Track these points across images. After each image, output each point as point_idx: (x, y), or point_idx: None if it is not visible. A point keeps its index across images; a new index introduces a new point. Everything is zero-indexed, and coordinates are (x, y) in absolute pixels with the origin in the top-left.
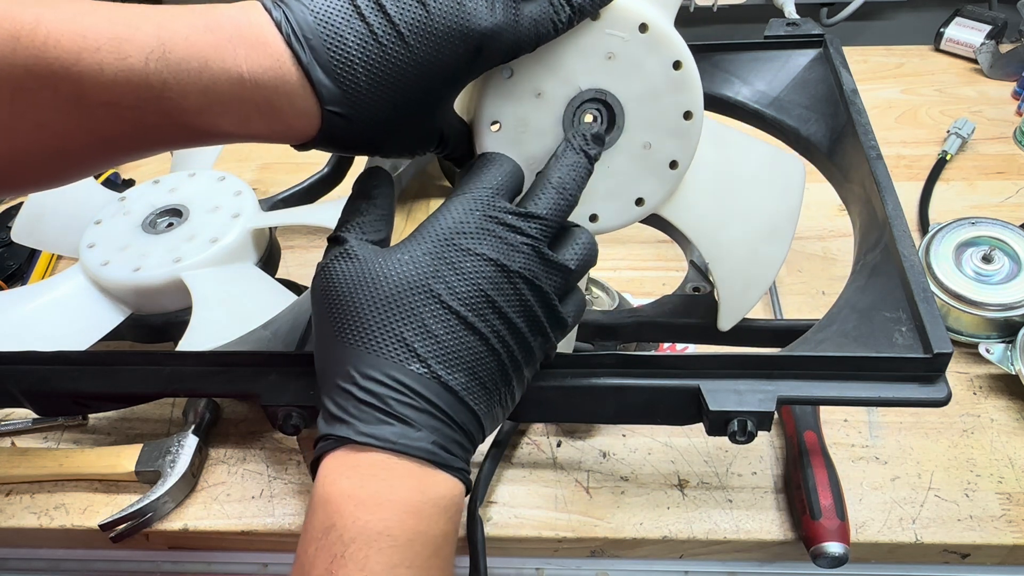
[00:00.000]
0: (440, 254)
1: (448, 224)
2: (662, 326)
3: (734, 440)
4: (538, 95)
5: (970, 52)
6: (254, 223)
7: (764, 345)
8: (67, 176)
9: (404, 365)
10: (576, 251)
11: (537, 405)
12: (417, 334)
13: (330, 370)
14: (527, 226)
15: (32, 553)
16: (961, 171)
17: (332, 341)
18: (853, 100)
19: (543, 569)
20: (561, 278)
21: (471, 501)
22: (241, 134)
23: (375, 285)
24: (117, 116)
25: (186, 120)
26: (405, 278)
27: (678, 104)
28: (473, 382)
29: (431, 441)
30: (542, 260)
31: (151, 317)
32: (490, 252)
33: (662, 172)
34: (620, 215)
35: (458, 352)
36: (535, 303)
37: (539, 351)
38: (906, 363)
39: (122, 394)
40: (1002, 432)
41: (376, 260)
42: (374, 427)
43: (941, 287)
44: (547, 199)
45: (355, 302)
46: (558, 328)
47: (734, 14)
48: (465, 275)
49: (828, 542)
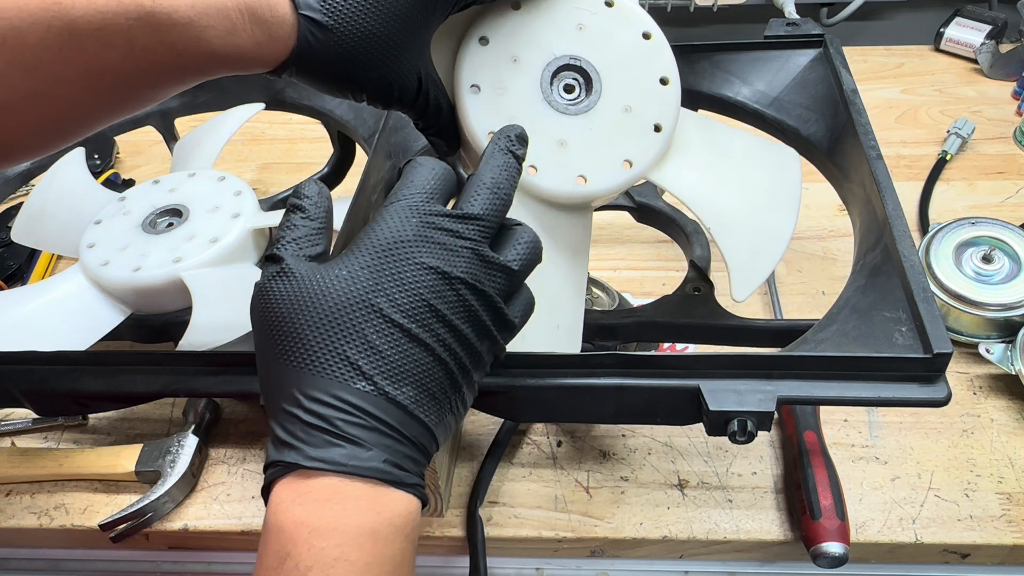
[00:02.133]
0: (379, 266)
1: (385, 234)
2: (662, 326)
3: (734, 440)
4: (514, 60)
5: (970, 52)
6: (254, 223)
7: (764, 345)
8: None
9: (349, 384)
10: (519, 250)
11: (537, 405)
12: (361, 351)
13: (275, 393)
14: (465, 228)
15: (32, 553)
16: (961, 171)
17: (275, 363)
18: (853, 100)
19: (543, 569)
20: (505, 279)
21: (471, 501)
22: (229, 52)
23: (314, 304)
24: (107, 43)
25: (174, 37)
26: (345, 294)
27: (652, 71)
28: (422, 394)
29: (383, 460)
30: (483, 262)
31: (151, 317)
32: (430, 260)
33: (646, 134)
34: (610, 177)
35: (404, 365)
36: (480, 308)
37: (487, 354)
38: (906, 363)
39: (122, 394)
40: (1002, 432)
41: (314, 277)
42: (323, 450)
43: (941, 287)
44: (482, 199)
45: (295, 323)
46: (505, 330)
47: (734, 14)
48: (406, 286)
49: (828, 542)
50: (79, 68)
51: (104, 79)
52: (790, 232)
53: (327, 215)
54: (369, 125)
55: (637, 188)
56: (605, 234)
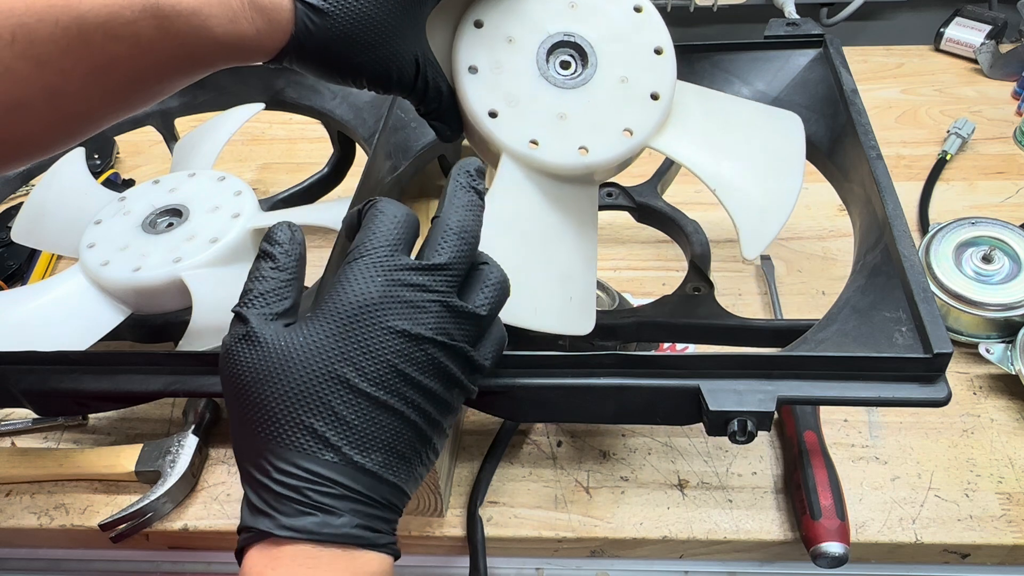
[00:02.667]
0: (345, 334)
1: (351, 297)
2: (662, 326)
3: (734, 440)
4: (509, 41)
5: (970, 52)
6: (254, 223)
7: (764, 345)
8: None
9: (317, 456)
10: (487, 294)
11: (537, 405)
12: (327, 423)
13: (246, 458)
14: (432, 281)
15: (32, 553)
16: (961, 171)
17: (244, 431)
18: (853, 100)
19: (543, 569)
20: (473, 326)
21: (471, 501)
22: (232, 39)
23: (279, 376)
24: (113, 35)
25: (179, 26)
26: (310, 366)
27: (646, 42)
28: (391, 457)
29: (354, 525)
30: (452, 314)
31: (151, 317)
32: (398, 323)
33: (644, 103)
34: (611, 147)
35: (372, 433)
36: (449, 363)
37: (457, 400)
38: (906, 363)
39: (122, 394)
40: (1002, 432)
41: (279, 345)
42: (295, 519)
43: (941, 287)
44: (449, 245)
45: (261, 394)
46: (476, 374)
47: (734, 14)
48: (374, 353)
49: (828, 542)
50: (88, 62)
51: (112, 73)
52: (796, 193)
53: (298, 263)
54: (369, 125)
55: (637, 188)
56: (605, 234)
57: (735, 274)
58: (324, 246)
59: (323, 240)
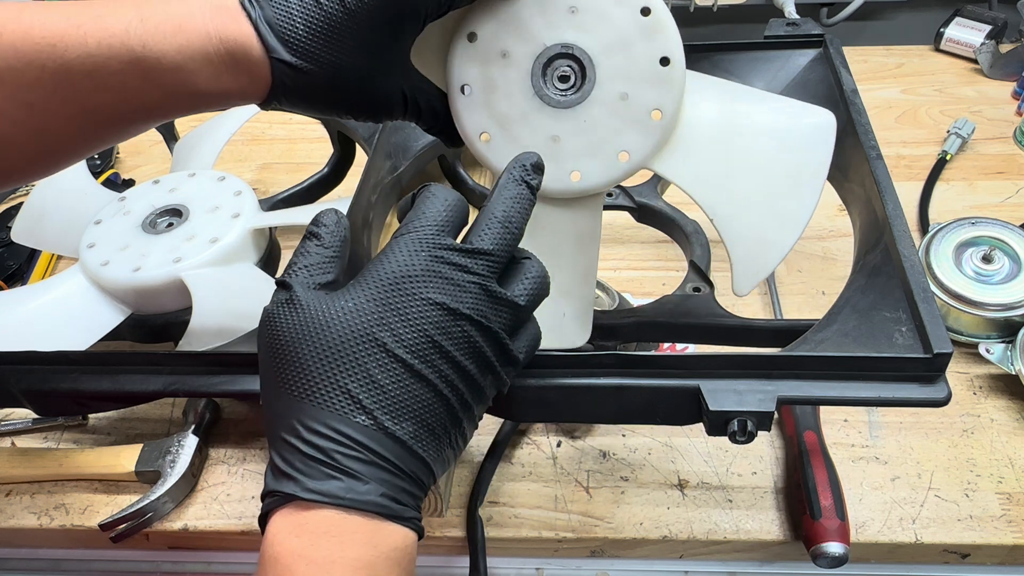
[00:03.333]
0: (385, 300)
1: (393, 267)
2: (662, 326)
3: (734, 440)
4: (503, 55)
5: (970, 52)
6: (254, 223)
7: (764, 345)
8: (54, 160)
9: (349, 417)
10: (526, 285)
11: (537, 405)
12: (362, 385)
13: (276, 422)
14: (474, 263)
15: (32, 553)
16: (961, 171)
17: (277, 392)
18: (853, 100)
19: (543, 569)
20: (511, 314)
21: (471, 501)
22: (216, 92)
23: (319, 335)
24: (100, 84)
25: (164, 80)
26: (349, 327)
27: (652, 51)
28: (422, 430)
29: (380, 494)
30: (490, 298)
31: (151, 317)
32: (437, 295)
33: (645, 123)
34: (604, 171)
35: (405, 401)
36: (484, 344)
37: (490, 389)
38: (906, 363)
39: (122, 394)
40: (1002, 432)
41: (320, 307)
42: (321, 483)
43: (941, 287)
44: (493, 233)
45: (299, 353)
46: (509, 365)
47: (734, 14)
48: (411, 321)
49: (828, 542)
50: (74, 106)
51: (98, 115)
52: (806, 220)
53: (342, 244)
54: (369, 125)
55: (637, 188)
56: (605, 234)
57: None
58: None
59: None
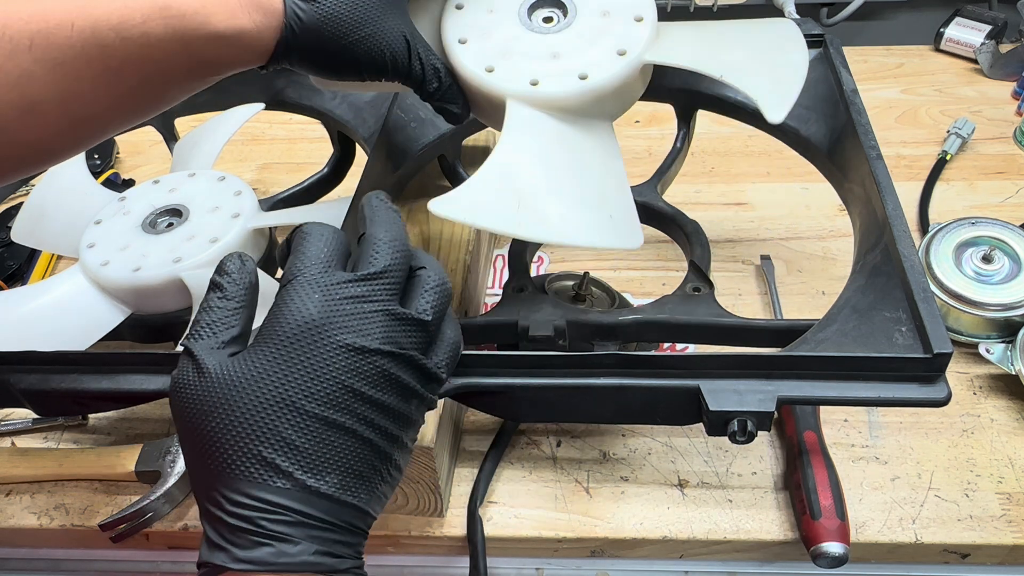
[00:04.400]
0: (289, 357)
1: (290, 320)
2: (662, 326)
3: (734, 440)
4: (491, 12)
5: (970, 52)
6: (254, 223)
7: (764, 345)
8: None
9: (268, 484)
10: (428, 298)
11: (537, 405)
12: (277, 449)
13: (200, 494)
14: (371, 290)
15: (32, 553)
16: (961, 171)
17: (195, 464)
18: (853, 100)
19: (543, 569)
20: (421, 332)
21: (471, 501)
22: (231, 34)
23: (225, 405)
24: (125, 37)
25: (184, 25)
26: (255, 394)
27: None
28: (348, 478)
29: (312, 552)
30: (397, 322)
31: (151, 317)
32: (342, 336)
33: (630, 26)
34: (608, 68)
35: (325, 455)
36: (401, 373)
37: (416, 412)
38: (906, 363)
39: (122, 394)
40: (1002, 432)
41: (224, 376)
42: (250, 551)
43: (941, 287)
44: (383, 254)
45: (208, 425)
46: (432, 383)
47: (734, 14)
48: (319, 372)
49: (828, 542)
50: (100, 64)
51: (123, 75)
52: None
53: (246, 291)
54: (369, 125)
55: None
56: None
57: (735, 274)
58: None
59: None
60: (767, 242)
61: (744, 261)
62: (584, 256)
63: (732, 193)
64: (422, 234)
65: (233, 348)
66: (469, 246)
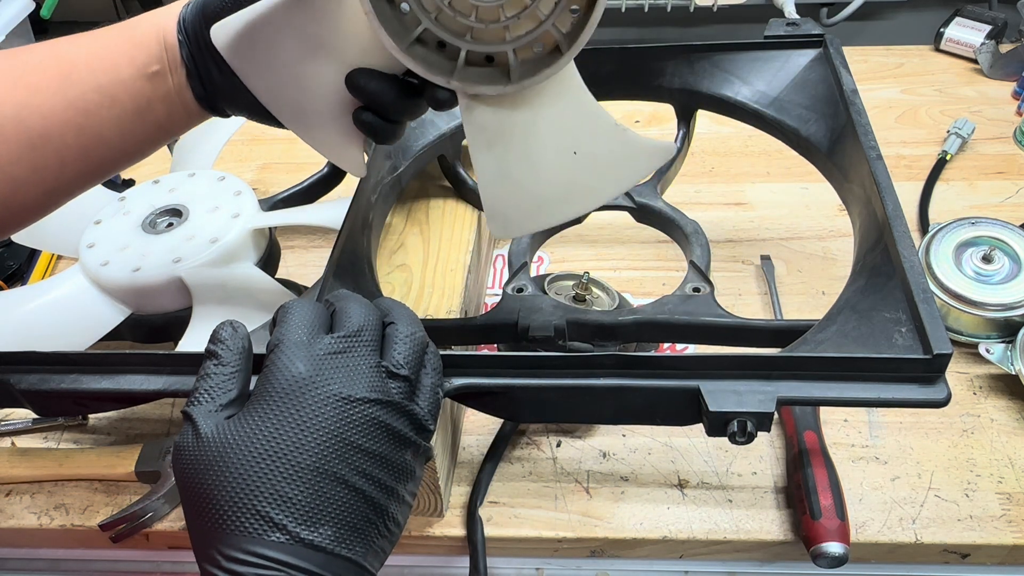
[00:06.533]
0: (280, 412)
1: (280, 378)
2: (662, 326)
3: (734, 441)
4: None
5: (970, 52)
6: (254, 223)
7: (764, 345)
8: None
9: (264, 537)
10: (399, 350)
11: (537, 405)
12: (271, 502)
13: (198, 553)
14: (352, 344)
15: (32, 553)
16: (961, 171)
17: (194, 523)
18: (853, 100)
19: (543, 569)
20: (403, 383)
21: (471, 501)
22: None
23: (222, 465)
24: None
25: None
26: (250, 451)
27: None
28: (343, 530)
29: None
30: (379, 372)
31: (151, 317)
32: (329, 387)
33: None
34: None
35: (320, 507)
36: (392, 420)
37: (413, 462)
38: (906, 364)
39: (122, 394)
40: (1002, 432)
41: (221, 437)
42: None
43: (941, 287)
44: (353, 314)
45: (206, 485)
46: (423, 431)
47: (734, 14)
48: (311, 424)
49: (828, 542)
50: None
51: (98, 149)
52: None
53: (241, 356)
54: None
55: (637, 188)
56: (605, 234)
57: (735, 274)
58: (324, 246)
59: (323, 240)
60: (767, 242)
61: (744, 261)
62: (584, 256)
63: (732, 193)
64: (422, 234)
65: (230, 411)
66: (469, 246)
